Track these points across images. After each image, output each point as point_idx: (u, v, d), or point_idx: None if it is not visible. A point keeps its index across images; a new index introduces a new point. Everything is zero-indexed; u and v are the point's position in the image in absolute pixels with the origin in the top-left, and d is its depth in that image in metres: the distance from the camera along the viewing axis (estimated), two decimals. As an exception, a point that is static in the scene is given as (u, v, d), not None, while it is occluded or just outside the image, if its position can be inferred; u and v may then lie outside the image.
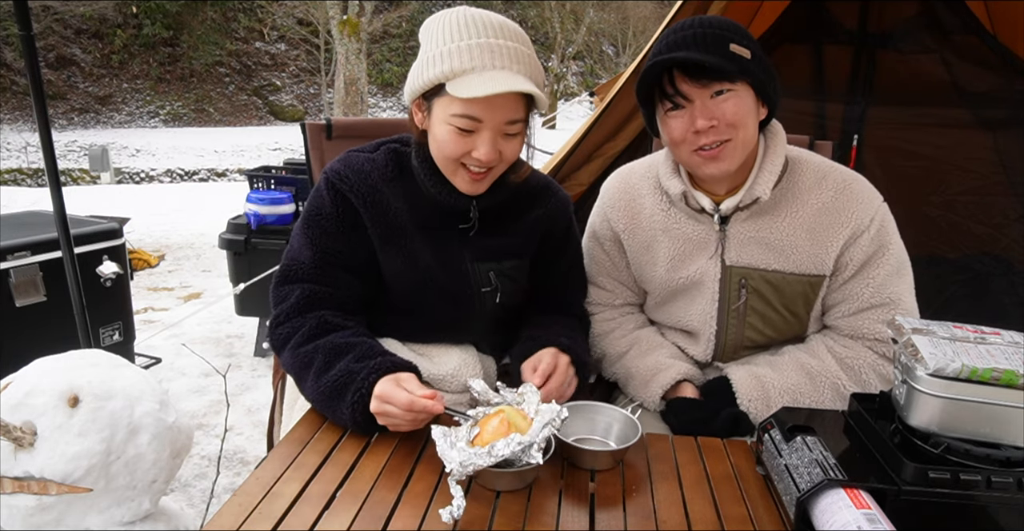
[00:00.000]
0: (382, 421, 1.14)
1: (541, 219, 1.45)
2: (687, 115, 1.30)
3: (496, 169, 1.30)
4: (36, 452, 1.29)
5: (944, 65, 2.82)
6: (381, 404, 1.12)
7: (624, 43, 21.72)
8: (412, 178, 1.37)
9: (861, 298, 1.38)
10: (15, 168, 13.90)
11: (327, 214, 1.33)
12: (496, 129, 1.22)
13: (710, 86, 1.27)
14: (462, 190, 1.32)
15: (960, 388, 0.94)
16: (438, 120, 1.24)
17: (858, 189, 1.38)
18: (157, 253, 5.51)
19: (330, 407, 1.20)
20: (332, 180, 1.33)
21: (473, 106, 1.19)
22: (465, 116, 1.20)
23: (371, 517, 0.97)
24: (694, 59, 1.24)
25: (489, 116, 1.21)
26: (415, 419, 1.13)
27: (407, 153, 1.39)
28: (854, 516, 0.87)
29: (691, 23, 1.31)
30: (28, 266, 2.66)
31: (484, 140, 1.22)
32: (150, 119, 17.52)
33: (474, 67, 1.18)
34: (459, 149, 1.24)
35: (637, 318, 1.62)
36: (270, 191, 3.63)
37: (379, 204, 1.33)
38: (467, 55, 1.18)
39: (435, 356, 1.41)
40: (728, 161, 1.32)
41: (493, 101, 1.19)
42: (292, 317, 1.30)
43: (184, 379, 3.29)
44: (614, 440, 1.21)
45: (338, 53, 12.00)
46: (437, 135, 1.26)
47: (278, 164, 4.44)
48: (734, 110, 1.28)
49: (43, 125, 2.10)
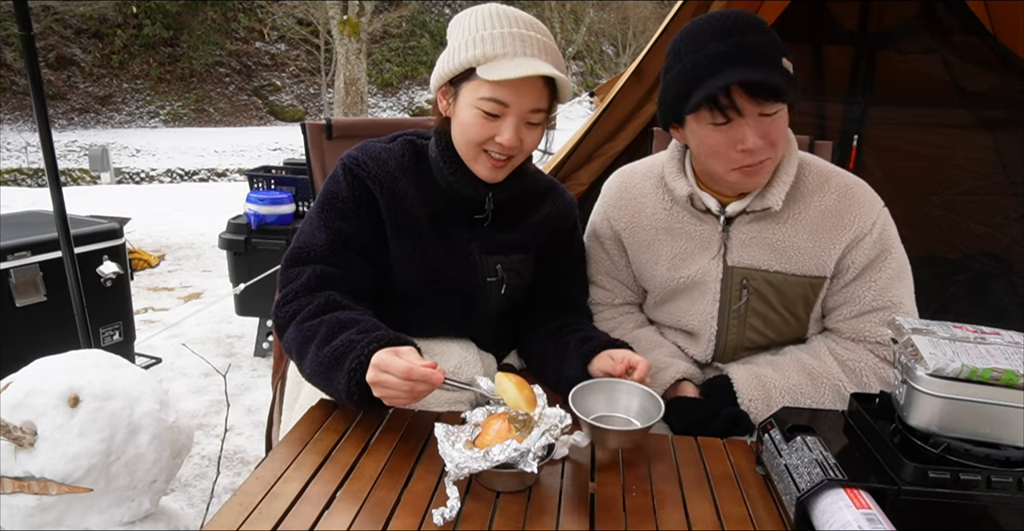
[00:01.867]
0: (378, 392, 1.11)
1: (549, 218, 1.48)
2: (733, 129, 1.26)
3: (516, 158, 1.33)
4: (36, 452, 1.29)
5: (944, 65, 2.82)
6: (378, 373, 1.10)
7: (624, 43, 21.71)
8: (428, 169, 1.40)
9: (863, 301, 1.38)
10: (15, 168, 13.90)
11: (344, 198, 1.34)
12: (521, 115, 1.27)
13: (766, 105, 1.24)
14: (482, 176, 1.34)
15: (960, 388, 0.94)
16: (465, 104, 1.29)
17: (860, 194, 1.38)
18: (157, 253, 5.51)
19: (327, 378, 1.18)
20: (350, 166, 1.35)
21: (501, 90, 1.24)
22: (493, 99, 1.25)
23: (371, 517, 0.97)
24: (764, 80, 1.21)
25: (515, 100, 1.25)
26: (412, 389, 1.09)
27: (424, 145, 1.42)
28: (854, 516, 0.87)
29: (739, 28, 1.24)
30: (28, 266, 2.66)
31: (508, 125, 1.27)
32: (150, 119, 17.52)
33: (505, 53, 1.24)
34: (483, 133, 1.28)
35: (636, 318, 1.62)
36: (270, 191, 3.63)
37: (396, 191, 1.35)
38: (499, 42, 1.25)
39: (436, 354, 1.41)
40: (764, 176, 1.33)
41: (520, 87, 1.24)
42: (301, 295, 1.30)
43: (184, 379, 3.29)
44: (636, 417, 1.19)
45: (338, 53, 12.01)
46: (463, 119, 1.29)
47: (278, 164, 4.44)
48: (780, 130, 1.28)
49: (43, 125, 2.10)
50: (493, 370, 1.49)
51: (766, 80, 1.21)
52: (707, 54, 1.25)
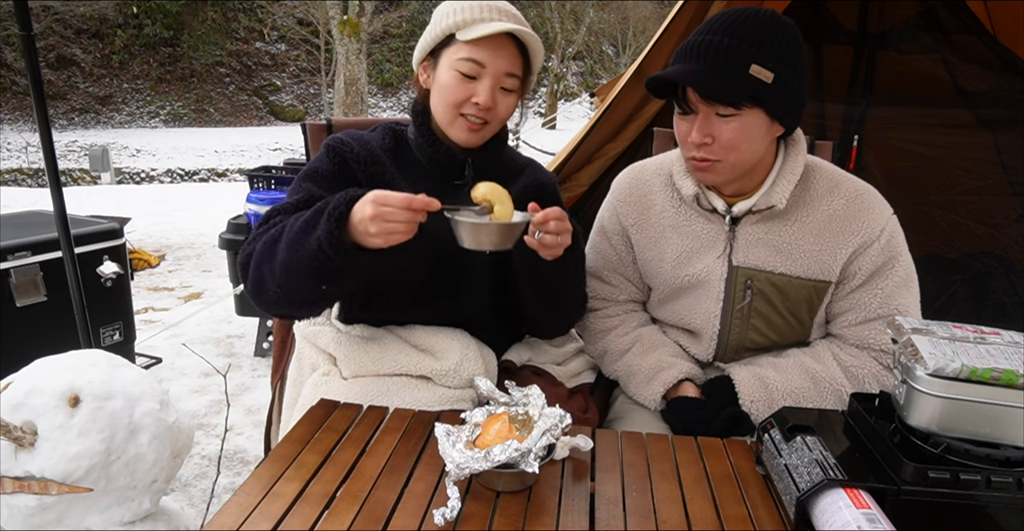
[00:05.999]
0: (375, 228, 1.12)
1: (528, 187, 1.52)
2: (689, 121, 1.31)
3: (491, 125, 1.40)
4: (36, 452, 1.29)
5: (944, 65, 2.82)
6: (378, 207, 1.11)
7: (624, 43, 21.71)
8: (408, 149, 1.47)
9: (868, 308, 1.38)
10: (15, 168, 13.90)
11: (323, 172, 1.39)
12: (496, 77, 1.36)
13: (716, 106, 1.26)
14: (458, 140, 1.41)
15: (960, 388, 0.94)
16: (444, 68, 1.37)
17: (869, 200, 1.38)
18: (157, 253, 5.51)
19: (301, 242, 1.17)
20: (333, 145, 1.40)
21: (478, 50, 1.33)
22: (470, 59, 1.34)
23: (371, 517, 0.97)
24: (703, 82, 1.23)
25: (491, 62, 1.34)
26: (411, 219, 1.13)
27: (403, 130, 1.50)
28: (854, 516, 0.87)
29: (720, 27, 1.26)
30: (28, 266, 2.66)
31: (484, 86, 1.35)
32: (150, 119, 17.52)
33: (483, 18, 1.35)
34: (461, 94, 1.35)
35: (640, 316, 1.62)
36: (270, 191, 3.63)
37: (376, 166, 1.40)
38: (477, 10, 1.35)
39: (437, 351, 1.41)
40: (716, 176, 1.35)
41: (496, 49, 1.34)
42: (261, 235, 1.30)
43: (184, 379, 3.29)
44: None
45: (338, 53, 12.00)
46: (442, 82, 1.37)
47: (278, 164, 4.44)
48: (732, 135, 1.28)
49: (43, 125, 2.10)
50: (494, 367, 1.49)
51: (701, 83, 1.24)
52: (683, 45, 1.31)
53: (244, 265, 1.32)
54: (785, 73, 1.25)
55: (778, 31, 1.25)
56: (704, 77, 1.24)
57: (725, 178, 1.36)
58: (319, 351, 1.48)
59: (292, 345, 1.64)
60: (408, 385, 1.38)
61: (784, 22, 1.27)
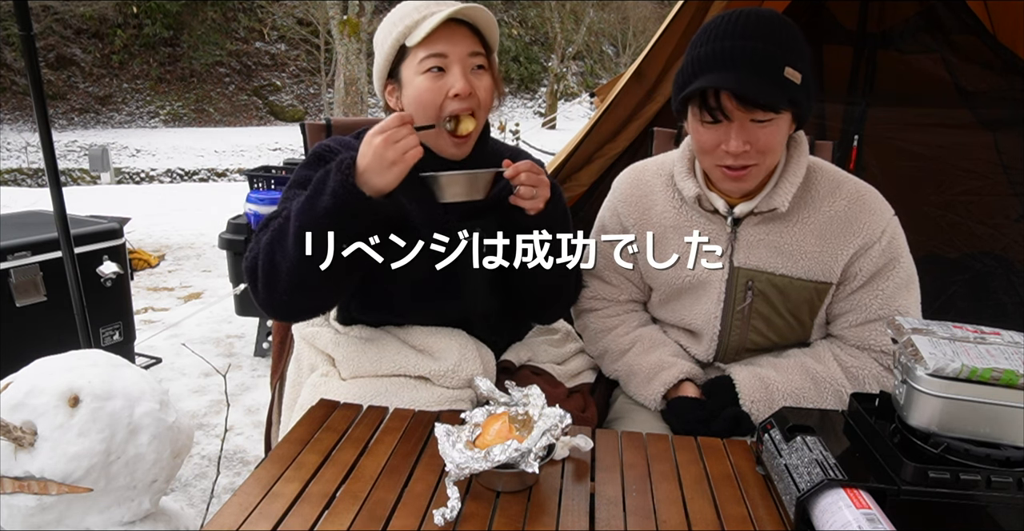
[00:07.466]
0: (392, 153, 1.15)
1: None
2: (722, 130, 1.27)
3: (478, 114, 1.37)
4: (36, 452, 1.29)
5: (944, 65, 2.82)
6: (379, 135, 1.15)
7: (624, 43, 21.72)
8: None
9: (869, 309, 1.38)
10: (15, 168, 13.91)
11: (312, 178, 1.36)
12: (462, 61, 1.34)
13: (754, 113, 1.24)
14: (448, 155, 1.40)
15: (960, 388, 0.94)
16: (410, 78, 1.35)
17: (871, 201, 1.38)
18: (157, 253, 5.52)
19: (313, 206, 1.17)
20: (320, 152, 1.40)
21: (435, 44, 1.32)
22: (432, 55, 1.32)
23: (371, 517, 0.97)
24: (748, 88, 1.20)
25: (451, 49, 1.33)
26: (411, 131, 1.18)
27: None
28: (854, 516, 0.87)
29: (745, 31, 1.23)
30: (28, 266, 2.66)
31: (456, 74, 1.33)
32: (150, 119, 17.53)
33: (423, 16, 1.32)
34: (437, 93, 1.33)
35: (641, 316, 1.62)
36: (270, 191, 3.62)
37: None
38: (415, 12, 1.34)
39: (435, 351, 1.41)
40: (750, 182, 1.33)
41: (450, 36, 1.32)
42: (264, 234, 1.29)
43: (184, 379, 3.29)
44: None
45: (338, 53, 12.01)
46: (414, 89, 1.35)
47: (278, 164, 4.44)
48: (768, 139, 1.26)
49: (43, 125, 2.10)
50: (492, 367, 1.49)
51: (747, 89, 1.20)
52: (705, 52, 1.25)
53: (251, 268, 1.30)
54: (807, 73, 1.26)
55: (793, 31, 1.26)
56: (747, 83, 1.21)
57: (756, 182, 1.34)
58: (317, 352, 1.48)
59: (291, 345, 1.64)
60: (407, 386, 1.38)
61: (790, 21, 1.28)
